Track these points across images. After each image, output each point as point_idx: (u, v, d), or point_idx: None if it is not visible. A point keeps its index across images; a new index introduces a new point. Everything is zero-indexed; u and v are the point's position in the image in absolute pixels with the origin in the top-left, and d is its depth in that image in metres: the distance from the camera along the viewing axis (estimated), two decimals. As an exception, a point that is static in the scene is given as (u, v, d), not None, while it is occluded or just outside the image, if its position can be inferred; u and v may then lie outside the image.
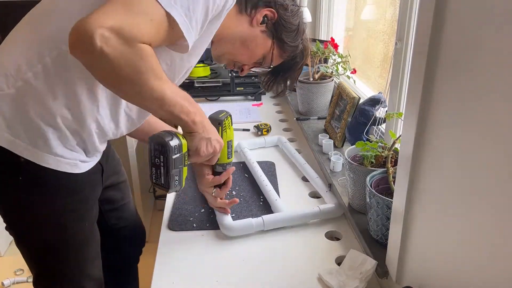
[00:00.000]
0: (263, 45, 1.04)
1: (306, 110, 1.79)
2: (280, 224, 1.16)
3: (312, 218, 1.19)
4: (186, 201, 1.28)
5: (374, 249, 1.01)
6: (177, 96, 0.82)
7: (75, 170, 0.95)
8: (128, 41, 0.73)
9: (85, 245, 1.04)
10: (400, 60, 1.22)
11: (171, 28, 0.78)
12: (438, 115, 0.72)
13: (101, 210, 1.17)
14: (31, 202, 0.93)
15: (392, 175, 1.02)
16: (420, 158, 0.79)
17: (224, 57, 1.06)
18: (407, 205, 0.85)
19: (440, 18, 0.69)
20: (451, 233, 0.72)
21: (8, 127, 0.87)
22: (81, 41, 0.71)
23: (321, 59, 1.78)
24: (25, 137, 0.87)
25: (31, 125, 0.87)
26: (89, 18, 0.71)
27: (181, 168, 0.90)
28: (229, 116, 1.07)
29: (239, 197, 1.30)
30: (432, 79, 0.73)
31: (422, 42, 0.73)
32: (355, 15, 1.94)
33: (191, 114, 0.86)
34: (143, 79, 0.76)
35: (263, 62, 1.09)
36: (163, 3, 0.76)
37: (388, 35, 1.53)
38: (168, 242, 1.12)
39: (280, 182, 1.39)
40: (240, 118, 1.91)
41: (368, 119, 1.32)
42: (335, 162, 1.35)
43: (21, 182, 0.91)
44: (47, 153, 0.89)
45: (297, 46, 1.09)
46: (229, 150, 1.07)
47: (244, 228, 1.13)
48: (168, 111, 0.82)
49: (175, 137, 0.89)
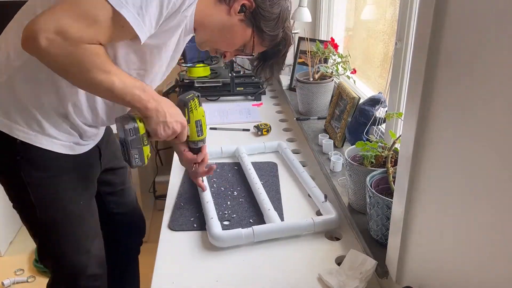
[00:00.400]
0: (241, 33, 1.07)
1: (306, 110, 1.79)
2: (272, 236, 1.11)
3: (306, 231, 1.12)
4: (187, 201, 1.28)
5: (374, 249, 1.01)
6: (127, 87, 0.90)
7: (70, 152, 1.05)
8: (72, 42, 0.81)
9: (81, 222, 1.12)
10: (400, 60, 1.22)
11: (122, 26, 0.85)
12: (438, 115, 0.72)
13: (100, 193, 1.24)
14: (29, 180, 1.02)
15: (392, 175, 1.02)
16: (420, 158, 0.79)
17: (205, 44, 1.11)
18: (407, 205, 0.85)
19: (440, 18, 0.69)
20: (451, 233, 0.72)
21: (4, 112, 0.97)
22: (29, 41, 0.80)
23: (321, 59, 1.78)
24: (20, 121, 0.98)
25: (24, 110, 0.97)
26: (38, 19, 0.79)
27: (140, 148, 1.00)
28: (195, 98, 1.12)
29: (239, 198, 1.30)
30: (432, 79, 0.73)
31: (422, 42, 0.73)
32: (355, 15, 1.94)
33: (143, 101, 0.93)
34: (90, 75, 0.85)
35: (244, 50, 1.12)
36: (113, 3, 0.82)
37: (388, 35, 1.53)
38: (168, 242, 1.12)
39: (282, 184, 1.38)
40: (240, 118, 1.91)
41: (368, 119, 1.32)
42: (335, 162, 1.35)
43: (19, 162, 1.00)
44: (42, 135, 1.00)
45: (277, 35, 1.10)
46: (198, 129, 1.14)
47: (233, 239, 1.08)
48: (120, 99, 0.91)
49: (131, 121, 0.98)
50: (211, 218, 1.14)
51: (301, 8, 2.01)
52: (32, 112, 0.98)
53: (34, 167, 1.02)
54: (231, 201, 1.28)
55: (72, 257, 1.12)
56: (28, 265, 2.27)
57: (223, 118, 1.92)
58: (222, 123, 1.86)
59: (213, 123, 1.84)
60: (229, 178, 1.41)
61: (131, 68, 1.00)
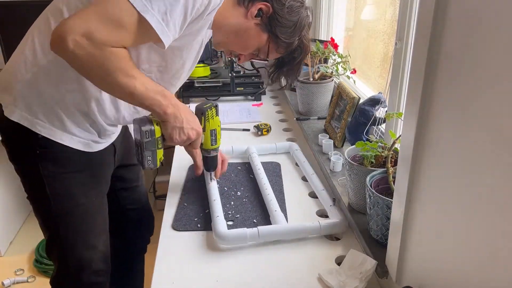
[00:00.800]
0: (256, 37, 1.08)
1: (306, 110, 1.79)
2: (277, 237, 1.10)
3: (311, 234, 1.12)
4: (191, 201, 1.28)
5: (374, 249, 1.01)
6: (148, 91, 0.93)
7: (87, 149, 1.09)
8: (98, 45, 0.84)
9: (91, 217, 1.15)
10: (400, 60, 1.22)
11: (146, 30, 0.88)
12: (438, 115, 0.72)
13: (114, 188, 1.29)
14: (46, 173, 1.06)
15: (392, 175, 1.02)
16: (420, 158, 0.79)
17: (220, 45, 1.14)
18: (407, 205, 0.85)
19: (440, 18, 0.69)
20: (451, 233, 0.72)
21: (27, 108, 1.02)
22: (57, 43, 0.84)
23: (321, 59, 1.78)
24: (42, 117, 1.02)
25: (46, 106, 1.02)
26: (67, 22, 0.83)
27: (154, 150, 1.03)
28: (213, 107, 1.14)
29: (242, 198, 1.29)
30: (432, 79, 0.73)
31: (422, 42, 0.73)
32: (355, 15, 1.94)
33: (162, 106, 0.96)
34: (112, 77, 0.88)
35: (259, 54, 1.14)
36: (139, 8, 0.84)
37: (388, 35, 1.53)
38: (169, 242, 1.12)
39: (285, 183, 1.38)
40: (240, 118, 1.91)
41: (368, 119, 1.32)
42: (335, 162, 1.35)
43: (39, 155, 1.05)
44: (62, 131, 1.04)
45: (292, 42, 1.11)
46: (212, 138, 1.17)
47: (238, 239, 1.08)
48: (140, 103, 0.95)
49: (149, 123, 1.01)
50: (217, 216, 1.14)
51: (305, 5, 2.01)
52: (55, 109, 1.02)
53: (52, 162, 1.06)
54: (234, 201, 1.28)
55: (79, 251, 1.15)
56: (28, 265, 2.27)
57: (223, 118, 1.92)
58: (222, 123, 1.84)
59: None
60: (232, 178, 1.41)
61: (152, 65, 1.03)
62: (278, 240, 1.11)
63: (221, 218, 1.14)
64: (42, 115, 1.02)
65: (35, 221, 1.19)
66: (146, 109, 0.97)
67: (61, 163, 1.07)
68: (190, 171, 1.45)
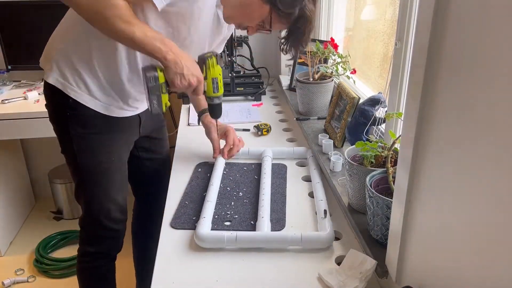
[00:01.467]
0: (259, 10, 1.16)
1: (306, 110, 1.79)
2: (255, 245, 1.08)
3: (291, 245, 1.08)
4: (193, 199, 1.28)
5: (374, 249, 1.02)
6: (147, 37, 1.04)
7: (109, 113, 1.26)
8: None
9: (111, 175, 1.33)
10: (400, 60, 1.22)
11: None
12: (438, 114, 0.72)
13: (139, 157, 1.51)
14: (74, 133, 1.25)
15: (392, 175, 1.02)
16: (420, 158, 0.79)
17: (229, 18, 1.24)
18: (407, 205, 0.85)
19: (440, 18, 0.69)
20: (451, 233, 0.72)
21: (61, 73, 1.20)
22: None
23: (321, 59, 1.78)
24: (72, 81, 1.20)
25: (76, 72, 1.20)
26: None
27: (159, 95, 1.12)
28: (213, 56, 1.22)
29: (243, 199, 1.29)
30: (432, 79, 0.73)
31: (422, 42, 0.74)
32: (355, 15, 1.94)
33: (162, 52, 1.06)
34: (111, 23, 1.02)
35: (264, 25, 1.21)
36: None
37: (388, 35, 1.53)
38: (169, 241, 1.12)
39: (289, 187, 1.36)
40: (240, 118, 1.91)
41: (368, 119, 1.32)
42: (335, 162, 1.35)
43: (69, 117, 1.24)
44: (87, 95, 1.22)
45: (293, 13, 1.16)
46: (214, 86, 1.24)
47: (215, 242, 1.08)
48: (141, 49, 1.07)
49: (153, 70, 1.10)
50: (203, 218, 1.15)
51: None
52: (83, 75, 1.19)
53: (79, 123, 1.24)
54: (235, 202, 1.27)
55: (100, 201, 1.33)
56: (28, 265, 2.27)
57: (223, 118, 1.92)
58: (222, 123, 1.85)
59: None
60: (237, 178, 1.41)
61: (161, 31, 1.13)
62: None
63: (207, 219, 1.14)
64: (72, 79, 1.19)
65: (35, 221, 1.21)
66: (147, 54, 1.08)
67: (86, 124, 1.24)
68: (195, 171, 1.46)
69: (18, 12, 2.28)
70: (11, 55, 2.37)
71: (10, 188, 2.48)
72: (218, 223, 1.17)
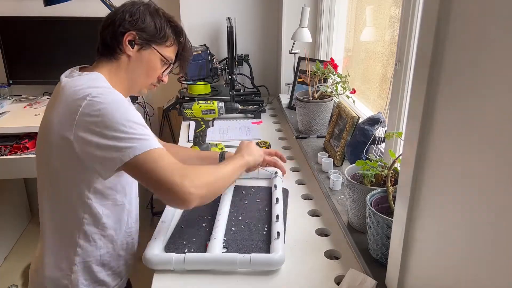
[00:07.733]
0: (149, 57, 1.13)
1: (305, 128, 1.80)
2: (204, 267, 1.06)
3: (241, 267, 1.04)
4: (188, 223, 1.24)
5: (373, 268, 1.01)
6: (230, 173, 1.16)
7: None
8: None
9: None
10: (399, 81, 1.24)
11: None
12: (439, 134, 0.73)
13: None
14: None
15: (392, 194, 1.03)
16: (420, 178, 0.80)
17: (143, 90, 1.19)
18: (407, 224, 0.85)
19: (441, 40, 0.71)
20: (452, 253, 0.72)
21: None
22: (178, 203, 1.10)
23: (320, 79, 1.80)
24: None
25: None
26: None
27: None
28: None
29: (244, 224, 1.24)
30: (433, 99, 0.74)
31: (423, 63, 0.75)
32: (355, 36, 1.97)
33: (244, 165, 1.26)
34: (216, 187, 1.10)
35: (167, 64, 1.18)
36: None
37: (387, 57, 1.55)
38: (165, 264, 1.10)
39: (289, 210, 1.32)
40: (239, 136, 1.92)
41: (368, 138, 1.33)
42: (335, 181, 1.35)
43: None
44: None
45: (166, 32, 1.14)
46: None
47: (163, 264, 1.06)
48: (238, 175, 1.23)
49: None
50: (154, 238, 1.13)
51: (301, 29, 2.04)
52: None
53: None
54: (234, 226, 1.22)
55: None
56: (22, 280, 2.24)
57: (223, 135, 1.93)
58: (222, 140, 1.86)
59: (214, 140, 1.85)
60: (236, 202, 1.36)
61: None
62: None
63: (158, 240, 1.12)
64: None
65: (29, 237, 1.19)
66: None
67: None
68: None
69: (21, 28, 2.31)
70: (12, 69, 2.39)
71: (5, 204, 2.47)
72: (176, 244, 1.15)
